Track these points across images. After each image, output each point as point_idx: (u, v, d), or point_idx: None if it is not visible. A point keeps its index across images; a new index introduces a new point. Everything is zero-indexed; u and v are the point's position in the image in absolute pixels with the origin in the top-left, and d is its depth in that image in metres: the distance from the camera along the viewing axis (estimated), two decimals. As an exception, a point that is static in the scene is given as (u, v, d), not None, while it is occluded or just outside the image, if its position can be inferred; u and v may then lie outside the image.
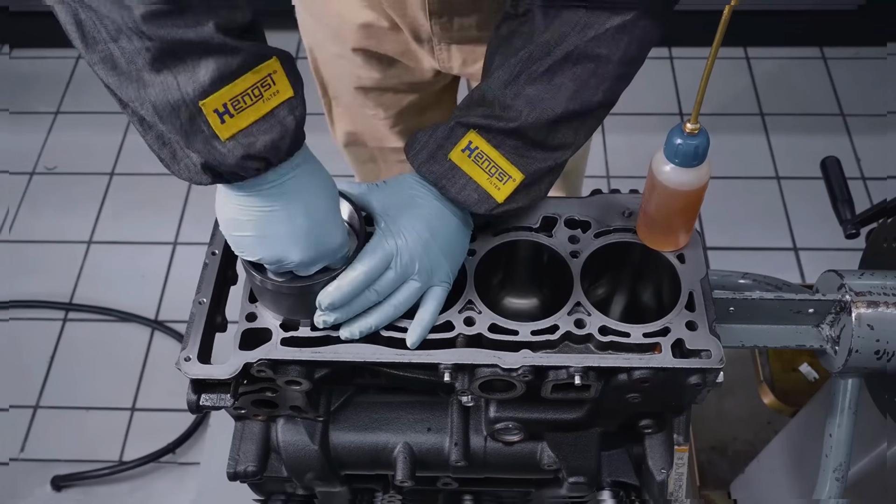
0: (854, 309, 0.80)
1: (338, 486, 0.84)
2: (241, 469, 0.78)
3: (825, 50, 2.80)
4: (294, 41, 2.94)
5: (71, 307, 2.30)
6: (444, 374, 0.70)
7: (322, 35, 1.30)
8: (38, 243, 2.45)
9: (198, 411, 0.71)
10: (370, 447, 0.80)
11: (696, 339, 0.71)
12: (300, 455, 0.79)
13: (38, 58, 2.93)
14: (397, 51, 1.20)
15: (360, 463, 0.81)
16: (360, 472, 0.85)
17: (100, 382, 2.17)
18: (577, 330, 0.72)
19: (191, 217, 2.47)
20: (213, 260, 0.78)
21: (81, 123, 2.75)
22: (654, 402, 0.74)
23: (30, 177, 2.61)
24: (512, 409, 0.76)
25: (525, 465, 0.81)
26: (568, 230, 0.80)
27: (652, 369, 0.69)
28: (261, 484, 0.84)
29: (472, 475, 0.83)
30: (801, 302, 0.83)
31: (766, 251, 2.37)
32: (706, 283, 0.75)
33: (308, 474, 0.80)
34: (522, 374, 0.69)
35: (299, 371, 0.71)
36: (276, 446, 0.80)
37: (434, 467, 0.80)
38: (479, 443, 0.80)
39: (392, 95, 1.34)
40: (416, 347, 0.71)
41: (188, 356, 0.70)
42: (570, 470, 0.78)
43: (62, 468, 2.01)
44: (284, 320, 0.72)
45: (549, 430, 0.78)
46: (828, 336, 0.84)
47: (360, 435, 0.80)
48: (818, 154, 2.64)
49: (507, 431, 0.77)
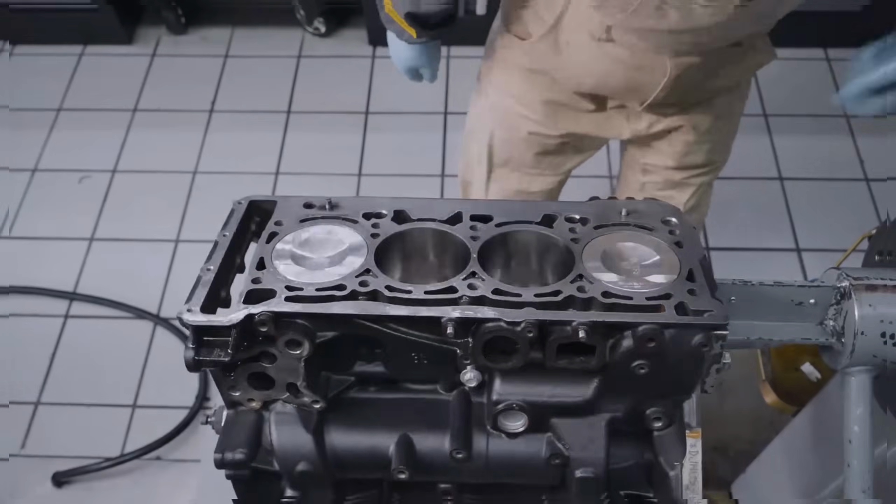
0: (854, 292, 0.81)
1: (329, 493, 0.82)
2: (230, 457, 0.76)
3: (829, 51, 2.80)
4: (294, 41, 2.95)
5: (75, 297, 2.31)
6: (448, 328, 0.70)
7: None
8: (39, 240, 2.46)
9: (195, 368, 0.71)
10: (367, 441, 0.79)
11: (698, 301, 0.71)
12: (293, 440, 0.77)
13: (39, 55, 2.94)
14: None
15: (355, 459, 0.80)
16: (354, 475, 0.83)
17: (101, 379, 2.17)
18: (580, 294, 0.72)
19: (193, 214, 2.48)
20: (224, 240, 0.79)
21: (84, 121, 2.76)
22: (662, 376, 0.74)
23: (31, 174, 2.61)
24: (516, 385, 0.76)
25: (529, 463, 0.79)
26: (568, 223, 0.81)
27: (657, 325, 0.69)
28: (247, 490, 0.81)
29: (473, 478, 0.81)
30: (801, 290, 0.84)
31: (768, 252, 2.37)
32: (705, 262, 0.76)
33: (300, 465, 0.78)
34: (526, 328, 0.69)
35: (302, 328, 0.71)
36: (269, 435, 0.78)
37: (433, 465, 0.79)
38: (482, 441, 0.79)
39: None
40: None
41: (190, 308, 0.71)
42: (578, 462, 0.77)
43: (63, 464, 2.01)
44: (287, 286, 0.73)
45: (555, 414, 0.77)
46: (832, 329, 0.85)
47: (356, 428, 0.79)
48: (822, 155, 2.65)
49: (511, 415, 0.76)
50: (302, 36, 2.96)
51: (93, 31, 2.92)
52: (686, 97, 1.31)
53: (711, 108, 1.37)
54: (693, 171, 1.46)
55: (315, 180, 2.55)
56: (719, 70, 1.27)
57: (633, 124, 1.37)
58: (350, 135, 2.68)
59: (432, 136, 2.66)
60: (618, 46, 1.19)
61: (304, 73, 2.86)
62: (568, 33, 1.23)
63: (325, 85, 2.82)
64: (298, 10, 2.87)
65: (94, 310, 2.30)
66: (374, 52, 2.89)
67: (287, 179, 2.56)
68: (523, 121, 1.41)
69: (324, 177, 2.57)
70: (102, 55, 2.94)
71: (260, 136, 2.68)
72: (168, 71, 2.90)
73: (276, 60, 2.90)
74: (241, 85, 2.84)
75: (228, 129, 2.72)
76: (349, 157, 2.62)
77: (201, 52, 2.94)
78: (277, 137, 2.68)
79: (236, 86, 2.84)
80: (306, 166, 2.59)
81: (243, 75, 2.87)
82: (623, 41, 1.18)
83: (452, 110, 2.71)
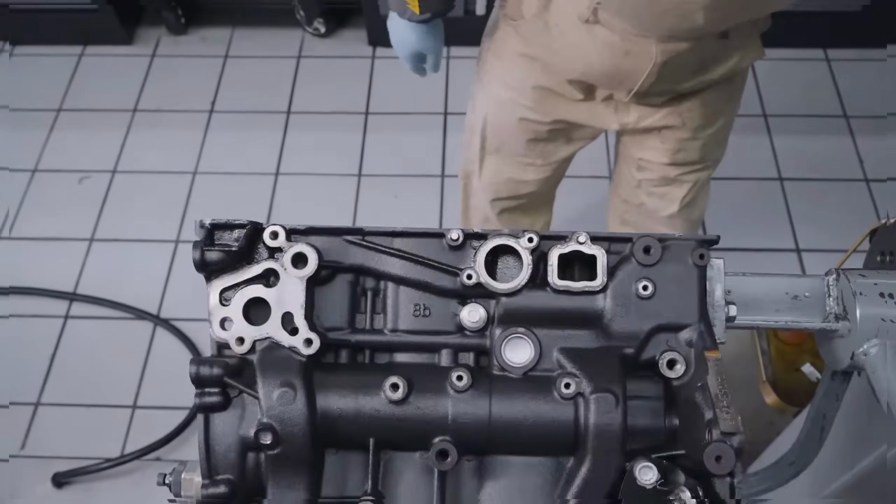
0: (845, 274, 0.85)
1: (308, 453, 0.73)
2: (206, 371, 0.72)
3: (828, 52, 2.80)
4: (294, 41, 2.95)
5: (75, 297, 2.30)
6: (451, 234, 0.75)
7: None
8: (39, 241, 2.46)
9: (203, 267, 0.73)
10: (360, 381, 0.74)
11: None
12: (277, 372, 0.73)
13: (39, 55, 2.94)
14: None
15: (346, 411, 0.73)
16: (343, 436, 0.75)
17: (101, 379, 2.17)
18: (581, 238, 0.76)
19: (193, 214, 2.48)
20: None
21: (84, 121, 2.76)
22: (666, 299, 0.75)
23: (31, 174, 2.61)
24: (520, 318, 0.76)
25: (538, 407, 0.73)
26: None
27: (654, 236, 0.73)
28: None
29: (475, 426, 0.73)
30: (792, 281, 0.87)
31: (768, 252, 2.37)
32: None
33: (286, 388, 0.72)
34: (528, 238, 0.73)
35: (310, 243, 0.74)
36: (255, 366, 0.73)
37: (431, 416, 0.73)
38: (485, 380, 0.74)
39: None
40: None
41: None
42: (595, 387, 0.72)
43: (63, 465, 2.01)
44: None
45: (563, 349, 0.75)
46: (834, 315, 0.86)
47: (349, 381, 0.75)
48: (821, 156, 2.65)
49: (518, 347, 0.74)
50: (302, 36, 2.96)
51: (93, 31, 2.92)
52: (674, 88, 1.31)
53: (702, 103, 1.37)
54: (687, 167, 1.47)
55: (315, 181, 2.55)
56: (708, 63, 1.27)
57: (622, 116, 1.38)
58: (350, 135, 2.68)
59: (432, 136, 2.66)
60: (605, 29, 1.20)
61: (304, 73, 2.86)
62: (557, 15, 1.25)
63: (325, 85, 2.82)
64: (298, 11, 2.87)
65: (93, 310, 2.30)
66: (374, 53, 2.89)
67: (287, 180, 2.56)
68: (515, 106, 1.42)
69: (324, 177, 2.57)
70: (102, 55, 2.94)
71: (260, 136, 2.68)
72: (168, 71, 2.90)
73: (276, 61, 2.90)
74: (241, 85, 2.84)
75: (228, 129, 2.72)
76: (349, 158, 2.62)
77: (201, 53, 2.94)
78: (277, 138, 2.68)
79: (236, 86, 2.84)
80: (306, 167, 2.59)
81: (243, 76, 2.87)
82: (609, 24, 1.19)
83: (452, 111, 2.71)
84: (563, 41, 1.27)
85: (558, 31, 1.26)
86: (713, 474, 0.64)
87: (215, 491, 0.72)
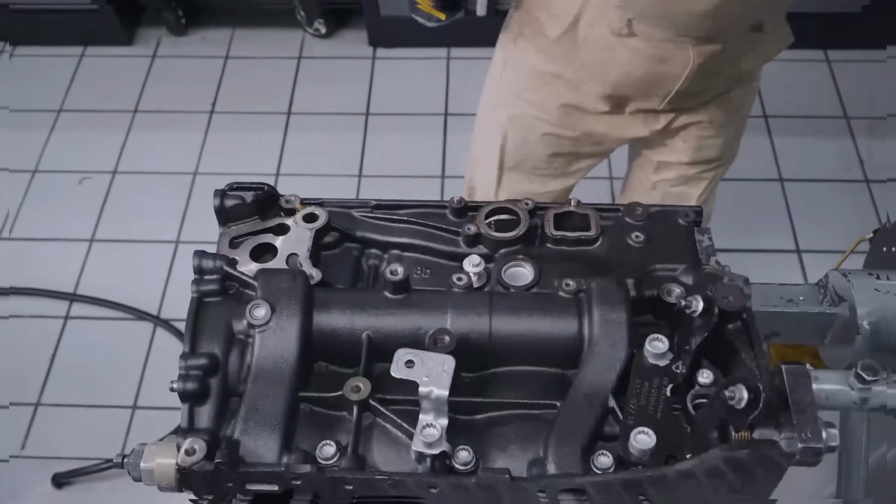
0: (831, 274, 0.91)
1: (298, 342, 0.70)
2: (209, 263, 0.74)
3: (829, 52, 2.80)
4: (294, 42, 2.95)
5: (75, 298, 2.30)
6: (455, 199, 0.83)
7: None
8: (39, 241, 2.46)
9: (221, 212, 0.80)
10: (359, 292, 0.77)
11: None
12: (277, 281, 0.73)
13: (39, 56, 2.94)
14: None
15: (344, 304, 0.72)
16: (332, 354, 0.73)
17: (101, 380, 2.17)
18: (573, 203, 0.84)
19: (193, 215, 2.48)
20: None
21: (84, 122, 2.76)
22: (658, 245, 0.80)
23: (32, 175, 2.61)
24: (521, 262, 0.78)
25: (539, 300, 0.72)
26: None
27: (644, 205, 0.81)
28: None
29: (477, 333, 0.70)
30: (787, 288, 0.91)
31: (769, 253, 2.37)
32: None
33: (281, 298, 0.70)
34: (525, 202, 0.81)
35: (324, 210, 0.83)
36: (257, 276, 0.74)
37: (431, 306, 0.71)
38: (485, 296, 0.74)
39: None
40: None
41: None
42: (597, 282, 0.72)
43: (63, 465, 2.01)
44: None
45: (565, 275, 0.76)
46: (830, 301, 0.90)
47: (349, 294, 0.77)
48: (822, 156, 2.65)
49: (519, 272, 0.76)
50: (302, 37, 2.97)
51: (93, 32, 2.92)
52: (707, 89, 1.31)
53: (727, 101, 1.37)
54: (706, 165, 1.46)
55: (315, 181, 2.55)
56: (740, 57, 1.27)
57: (651, 124, 1.37)
58: (350, 136, 2.68)
59: (433, 137, 2.66)
60: (639, 40, 1.19)
61: (305, 74, 2.87)
62: (586, 31, 1.23)
63: (325, 86, 2.82)
64: (299, 11, 2.87)
65: (94, 311, 2.30)
66: (375, 53, 2.89)
67: (287, 180, 2.56)
68: (539, 123, 1.41)
69: (324, 178, 2.57)
70: (103, 56, 2.94)
71: (260, 136, 2.68)
72: (168, 72, 2.90)
73: (277, 61, 2.90)
74: (242, 86, 2.84)
75: (228, 129, 2.71)
76: (349, 159, 2.62)
77: (202, 53, 2.94)
78: (278, 138, 2.68)
79: (236, 87, 2.84)
80: (306, 167, 2.59)
81: (244, 76, 2.87)
82: (645, 34, 1.18)
83: (453, 111, 2.71)
84: (594, 56, 1.25)
85: (588, 47, 1.24)
86: (726, 311, 0.69)
87: (195, 362, 0.71)
